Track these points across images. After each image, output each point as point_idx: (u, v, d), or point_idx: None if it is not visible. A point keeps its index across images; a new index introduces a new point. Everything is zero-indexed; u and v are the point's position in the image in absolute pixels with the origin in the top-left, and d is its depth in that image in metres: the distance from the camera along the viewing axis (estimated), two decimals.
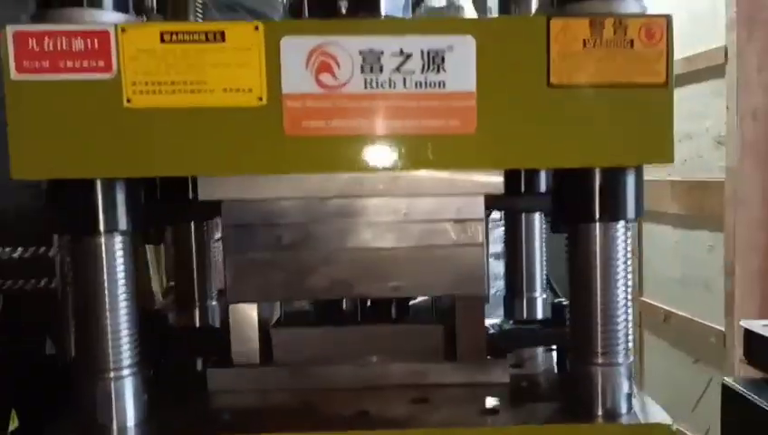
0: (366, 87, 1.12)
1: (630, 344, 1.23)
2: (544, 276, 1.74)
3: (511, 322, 1.54)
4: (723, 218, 3.66)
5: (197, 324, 1.75)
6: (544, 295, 1.75)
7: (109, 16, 1.13)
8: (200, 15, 1.67)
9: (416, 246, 1.33)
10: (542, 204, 1.38)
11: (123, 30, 1.11)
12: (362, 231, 1.33)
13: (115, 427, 1.22)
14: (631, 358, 1.23)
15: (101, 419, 1.22)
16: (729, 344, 4.21)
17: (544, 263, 1.74)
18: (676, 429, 1.18)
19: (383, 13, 1.31)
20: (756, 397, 1.30)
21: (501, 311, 1.74)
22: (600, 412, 1.22)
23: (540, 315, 1.73)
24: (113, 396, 1.22)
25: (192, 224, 1.71)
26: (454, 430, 1.21)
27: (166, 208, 1.42)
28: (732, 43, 3.38)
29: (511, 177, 1.32)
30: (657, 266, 4.69)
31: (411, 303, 1.55)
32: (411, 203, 1.33)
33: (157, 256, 6.03)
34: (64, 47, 1.10)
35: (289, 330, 1.44)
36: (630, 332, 1.22)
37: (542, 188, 1.55)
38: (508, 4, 1.60)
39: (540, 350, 1.58)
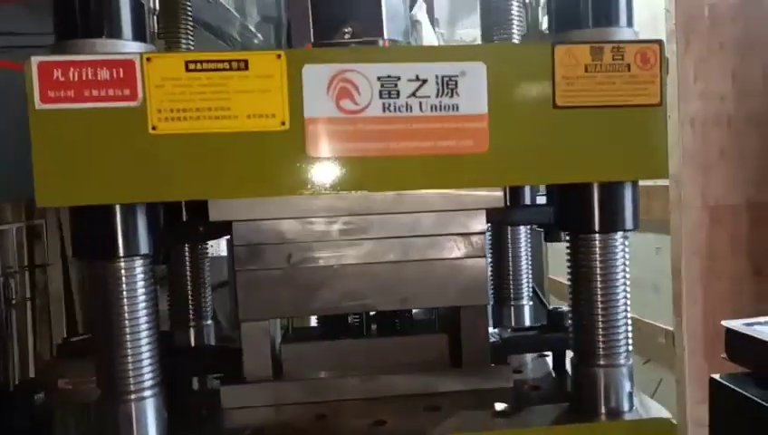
0: (384, 111, 1.18)
1: (630, 347, 1.31)
2: (530, 285, 1.82)
3: (509, 329, 1.61)
4: (668, 222, 3.84)
5: (193, 344, 1.77)
6: (531, 303, 1.83)
7: (130, 46, 1.16)
8: (192, 37, 1.70)
9: (422, 259, 1.39)
10: (538, 217, 1.46)
11: (149, 59, 1.14)
12: (370, 247, 1.38)
13: None
14: (631, 359, 1.31)
15: None
16: (678, 344, 4.41)
17: (530, 272, 1.82)
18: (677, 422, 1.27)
19: (386, 37, 1.37)
20: (742, 389, 1.41)
21: None
22: (605, 411, 1.30)
23: (527, 322, 1.81)
24: (134, 418, 1.24)
25: (186, 245, 1.74)
26: (472, 434, 1.27)
27: (175, 230, 1.44)
28: (671, 53, 3.55)
29: None
30: None
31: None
32: (416, 219, 1.38)
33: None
34: (90, 77, 1.13)
35: (299, 345, 1.47)
36: (630, 334, 1.30)
37: (526, 201, 1.64)
38: (490, 30, 1.67)
39: (532, 356, 1.65)
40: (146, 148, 1.15)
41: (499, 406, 1.34)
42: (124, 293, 1.22)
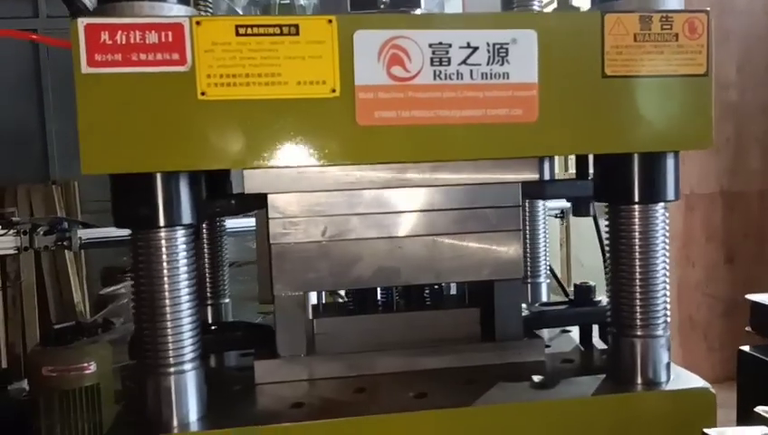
0: (435, 79, 1.17)
1: (669, 318, 1.32)
2: (548, 263, 1.83)
3: (537, 304, 1.61)
4: None
5: (210, 322, 1.74)
6: (548, 281, 1.84)
7: (177, 9, 1.13)
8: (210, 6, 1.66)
9: (457, 233, 1.38)
10: (573, 191, 1.46)
11: (198, 23, 1.11)
12: (405, 220, 1.37)
13: (176, 423, 1.21)
14: (669, 331, 1.32)
15: (165, 414, 1.21)
16: None
17: (547, 250, 1.82)
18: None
19: (422, 9, 1.36)
20: None
21: None
22: (643, 382, 1.31)
23: (544, 300, 1.81)
24: (174, 393, 1.21)
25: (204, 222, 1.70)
26: (515, 404, 1.26)
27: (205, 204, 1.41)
28: None
29: None
30: (583, 255, 4.92)
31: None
32: (452, 192, 1.37)
33: (76, 262, 5.78)
34: (138, 40, 1.10)
35: (333, 320, 1.46)
36: (668, 306, 1.31)
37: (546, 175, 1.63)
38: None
39: (554, 331, 1.65)
40: (194, 114, 1.12)
41: (537, 378, 1.34)
42: (165, 263, 1.19)
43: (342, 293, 1.72)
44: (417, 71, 1.16)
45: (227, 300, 1.76)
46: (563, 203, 2.82)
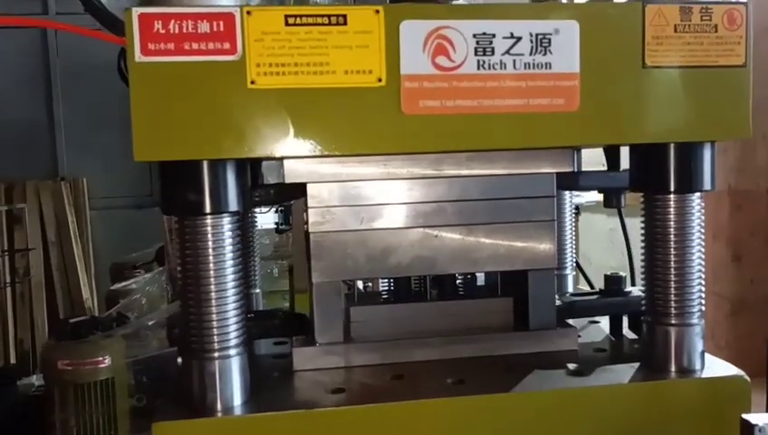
0: (479, 69, 1.19)
1: (703, 307, 1.33)
2: (574, 254, 1.85)
3: (567, 294, 1.63)
4: None
5: None
6: (574, 273, 1.86)
7: None
8: None
9: (492, 222, 1.40)
10: (608, 182, 1.48)
11: (249, 12, 1.13)
12: (441, 209, 1.39)
13: (221, 407, 1.23)
14: (704, 319, 1.34)
15: (209, 398, 1.23)
16: None
17: (574, 241, 1.84)
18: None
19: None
20: None
21: None
22: (678, 369, 1.33)
23: (570, 291, 1.83)
24: (218, 377, 1.23)
25: None
26: (553, 391, 1.28)
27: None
28: None
29: None
30: (592, 253, 4.93)
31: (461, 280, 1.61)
32: (487, 182, 1.39)
33: (85, 258, 5.77)
34: (190, 29, 1.11)
35: (369, 308, 1.47)
36: (704, 295, 1.33)
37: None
38: None
39: (583, 321, 1.67)
40: (244, 102, 1.14)
41: (572, 366, 1.36)
42: (211, 250, 1.21)
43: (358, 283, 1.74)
44: (461, 61, 1.18)
45: (258, 290, 1.78)
46: (578, 200, 2.83)
